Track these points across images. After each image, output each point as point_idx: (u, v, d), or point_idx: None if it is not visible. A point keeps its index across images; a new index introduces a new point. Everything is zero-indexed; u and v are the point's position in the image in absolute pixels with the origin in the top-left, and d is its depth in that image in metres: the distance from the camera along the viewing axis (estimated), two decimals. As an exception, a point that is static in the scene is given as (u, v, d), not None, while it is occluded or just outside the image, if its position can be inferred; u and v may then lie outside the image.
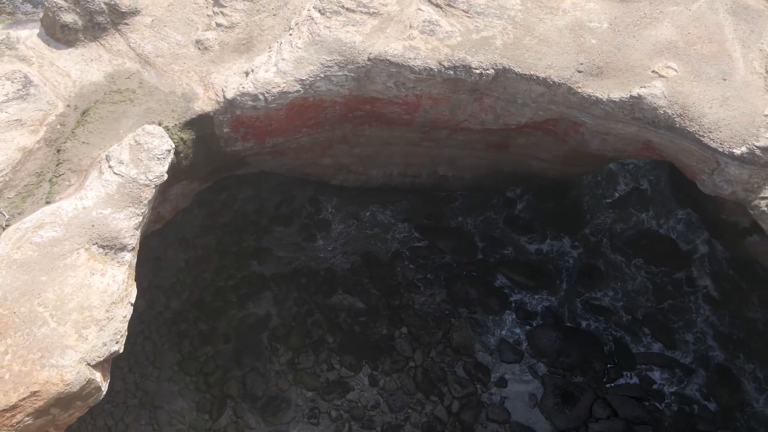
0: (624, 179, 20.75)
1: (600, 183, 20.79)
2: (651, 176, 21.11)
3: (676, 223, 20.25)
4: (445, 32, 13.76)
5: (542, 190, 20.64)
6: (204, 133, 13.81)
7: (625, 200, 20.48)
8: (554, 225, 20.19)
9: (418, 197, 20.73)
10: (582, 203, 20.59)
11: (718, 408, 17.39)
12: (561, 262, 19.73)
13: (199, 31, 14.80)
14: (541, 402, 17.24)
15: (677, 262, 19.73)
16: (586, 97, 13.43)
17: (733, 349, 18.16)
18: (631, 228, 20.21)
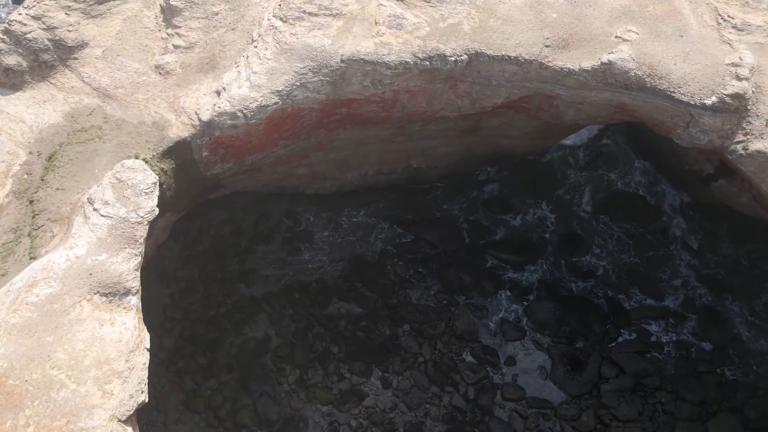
0: (589, 144, 21.43)
1: (566, 149, 21.36)
2: (610, 139, 21.89)
3: (640, 177, 21.05)
4: (412, 24, 13.71)
5: (513, 167, 21.00)
6: (183, 160, 13.22)
7: (593, 163, 21.12)
8: (530, 194, 20.63)
9: (394, 194, 20.63)
10: (553, 170, 21.11)
11: (713, 347, 18.24)
12: (543, 232, 20.14)
13: (157, 56, 14.15)
14: (551, 373, 17.57)
15: (649, 216, 20.52)
16: (558, 69, 13.71)
17: (717, 289, 19.07)
18: (602, 191, 20.87)
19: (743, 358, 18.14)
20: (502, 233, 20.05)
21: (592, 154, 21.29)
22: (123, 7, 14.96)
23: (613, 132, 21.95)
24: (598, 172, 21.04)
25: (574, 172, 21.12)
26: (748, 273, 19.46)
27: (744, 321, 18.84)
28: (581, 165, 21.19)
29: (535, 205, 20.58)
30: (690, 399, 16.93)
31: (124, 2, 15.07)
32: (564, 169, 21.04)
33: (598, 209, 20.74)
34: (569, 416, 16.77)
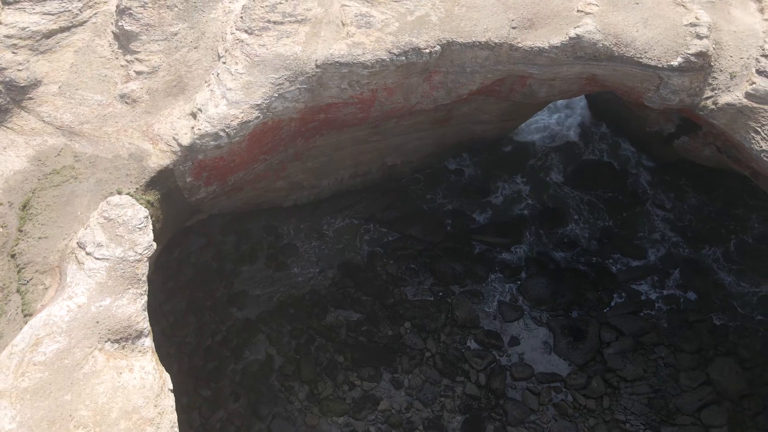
0: (554, 117, 21.98)
1: (532, 124, 21.85)
2: (568, 110, 22.55)
3: (601, 144, 21.74)
4: (380, 22, 13.59)
5: (483, 150, 21.26)
6: (168, 189, 12.66)
7: (557, 133, 21.66)
8: (504, 170, 20.96)
9: (371, 194, 20.50)
10: (522, 144, 21.55)
11: (698, 296, 19.03)
12: (522, 210, 20.46)
13: (120, 85, 13.50)
14: (555, 346, 17.89)
15: (618, 180, 21.20)
16: (528, 49, 13.89)
17: (692, 240, 19.90)
18: (571, 162, 21.40)
19: (726, 301, 19.00)
20: (486, 217, 20.25)
21: (558, 130, 21.81)
22: (72, 39, 14.22)
23: (573, 103, 22.58)
24: (565, 143, 21.59)
25: (542, 146, 21.61)
26: (716, 220, 20.41)
27: (721, 266, 19.74)
28: (548, 141, 21.68)
29: (510, 181, 20.92)
30: (687, 349, 17.60)
31: (72, 34, 14.33)
32: (532, 144, 21.50)
33: (569, 180, 21.27)
34: (579, 385, 17.12)
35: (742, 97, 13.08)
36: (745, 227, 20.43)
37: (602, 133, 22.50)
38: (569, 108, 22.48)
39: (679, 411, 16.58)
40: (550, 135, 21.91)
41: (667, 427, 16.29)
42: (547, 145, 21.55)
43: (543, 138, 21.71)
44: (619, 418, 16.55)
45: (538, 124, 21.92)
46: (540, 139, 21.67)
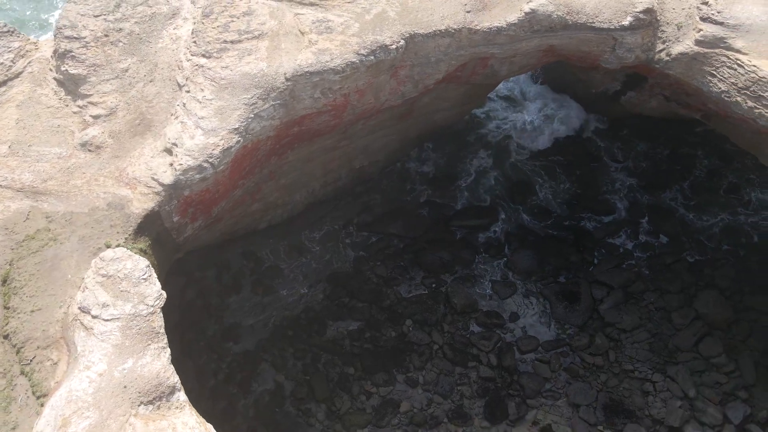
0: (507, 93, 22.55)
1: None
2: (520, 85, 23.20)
3: (556, 111, 22.52)
4: (340, 25, 13.36)
5: (441, 138, 21.46)
6: (157, 233, 11.94)
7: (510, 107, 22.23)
8: (467, 152, 21.27)
9: (343, 200, 20.24)
10: (479, 124, 21.97)
11: (669, 239, 20.05)
12: (492, 188, 20.84)
13: (78, 133, 12.60)
14: (553, 312, 18.35)
15: (571, 141, 22.00)
16: (488, 30, 14.07)
17: (651, 186, 20.94)
18: (527, 133, 22.00)
19: (694, 238, 20.13)
20: (460, 202, 20.45)
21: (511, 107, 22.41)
22: (11, 93, 13.16)
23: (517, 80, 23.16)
24: (519, 118, 22.15)
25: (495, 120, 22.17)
26: (668, 164, 21.59)
27: (682, 206, 20.91)
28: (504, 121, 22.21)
29: (475, 159, 21.25)
30: (672, 290, 18.51)
31: (9, 88, 13.28)
32: (489, 118, 22.03)
33: (528, 152, 21.85)
34: (583, 345, 17.65)
35: (692, 45, 13.80)
36: (693, 164, 21.73)
37: (545, 101, 23.24)
38: (515, 84, 23.02)
39: (678, 349, 17.43)
40: (505, 114, 22.39)
41: (671, 366, 17.08)
42: (502, 124, 22.00)
43: (498, 121, 22.16)
44: (627, 368, 17.20)
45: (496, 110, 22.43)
46: (496, 124, 22.11)
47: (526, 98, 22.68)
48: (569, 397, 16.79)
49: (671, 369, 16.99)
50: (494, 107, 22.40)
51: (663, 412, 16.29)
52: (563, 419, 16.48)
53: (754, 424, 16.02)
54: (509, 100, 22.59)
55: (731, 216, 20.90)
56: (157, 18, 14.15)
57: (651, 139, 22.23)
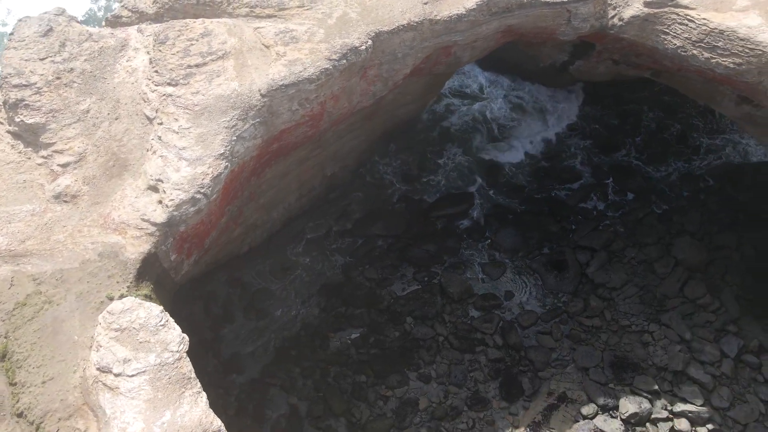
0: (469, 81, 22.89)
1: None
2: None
3: (510, 92, 23.02)
4: (304, 33, 13.09)
5: (406, 136, 21.52)
6: (157, 275, 11.32)
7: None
8: (433, 146, 21.43)
9: (320, 210, 19.95)
10: (441, 117, 22.17)
11: (635, 195, 20.93)
12: (463, 173, 21.08)
13: (48, 186, 11.78)
14: (545, 284, 18.78)
15: (535, 121, 22.59)
16: (448, 19, 14.17)
17: (607, 147, 21.79)
18: (485, 116, 22.39)
19: (655, 189, 21.13)
20: (435, 193, 20.56)
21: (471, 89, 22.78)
22: (-39, 155, 12.10)
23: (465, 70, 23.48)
24: (477, 104, 22.51)
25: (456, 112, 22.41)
26: (618, 122, 22.57)
27: (639, 160, 21.91)
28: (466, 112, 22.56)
29: (442, 149, 21.44)
30: (649, 242, 19.33)
31: (-43, 149, 12.20)
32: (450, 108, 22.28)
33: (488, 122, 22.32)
34: (579, 310, 18.15)
35: (642, 7, 14.39)
36: (641, 120, 22.80)
37: (507, 83, 23.72)
38: (464, 74, 23.35)
39: (666, 297, 18.22)
40: (464, 105, 22.69)
41: (664, 314, 17.83)
42: (465, 113, 22.28)
43: (461, 112, 22.43)
44: (624, 324, 17.83)
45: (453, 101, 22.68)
46: (457, 115, 22.37)
47: (480, 87, 23.06)
48: (577, 362, 17.23)
49: (664, 317, 17.75)
50: (451, 101, 22.62)
51: (665, 359, 17.00)
52: (575, 384, 16.90)
53: (749, 354, 16.98)
54: (463, 92, 22.89)
55: (685, 163, 22.06)
56: (107, 52, 13.43)
57: (598, 101, 23.17)
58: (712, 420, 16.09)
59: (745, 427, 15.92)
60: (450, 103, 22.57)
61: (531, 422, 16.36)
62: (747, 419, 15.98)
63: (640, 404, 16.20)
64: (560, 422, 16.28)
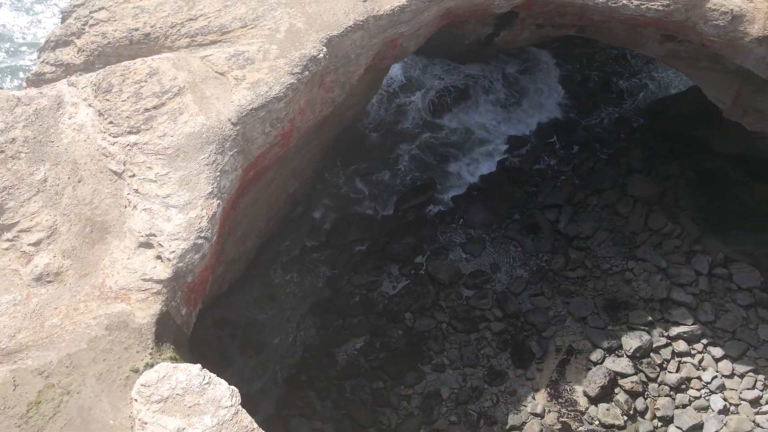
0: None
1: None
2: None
3: (444, 75, 23.45)
4: (257, 51, 12.62)
5: (351, 137, 21.43)
6: (174, 334, 10.59)
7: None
8: (387, 144, 21.50)
9: (288, 229, 19.46)
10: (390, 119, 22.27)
11: (578, 146, 22.02)
12: (419, 164, 21.29)
13: (24, 270, 10.69)
14: (523, 248, 19.37)
15: (462, 94, 23.13)
16: (391, 12, 14.15)
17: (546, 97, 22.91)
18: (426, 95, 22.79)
19: (596, 137, 22.35)
20: (397, 187, 20.60)
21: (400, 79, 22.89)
22: None
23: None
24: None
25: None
26: (553, 90, 23.67)
27: (573, 112, 23.08)
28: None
29: (395, 147, 21.51)
30: (606, 187, 20.42)
31: None
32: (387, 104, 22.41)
33: (432, 114, 22.66)
34: (562, 265, 18.87)
35: (567, -31, 15.09)
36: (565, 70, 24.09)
37: (423, 64, 24.11)
38: (404, 65, 23.52)
39: (634, 233, 19.34)
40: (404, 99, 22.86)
41: (637, 250, 18.90)
42: (404, 109, 22.47)
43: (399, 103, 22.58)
44: (605, 268, 18.75)
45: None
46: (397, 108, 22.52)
47: (413, 77, 23.30)
48: (573, 314, 17.94)
49: (638, 252, 18.83)
50: (390, 98, 22.71)
51: (649, 290, 18.05)
52: (578, 335, 17.60)
53: (718, 267, 18.37)
54: (401, 85, 23.08)
55: (615, 107, 23.49)
56: (44, 114, 12.34)
57: (524, 63, 24.16)
58: (704, 335, 17.30)
59: (733, 333, 17.23)
60: (388, 97, 22.66)
61: (549, 381, 16.88)
62: (733, 326, 17.31)
63: (641, 337, 17.13)
64: (575, 374, 16.91)
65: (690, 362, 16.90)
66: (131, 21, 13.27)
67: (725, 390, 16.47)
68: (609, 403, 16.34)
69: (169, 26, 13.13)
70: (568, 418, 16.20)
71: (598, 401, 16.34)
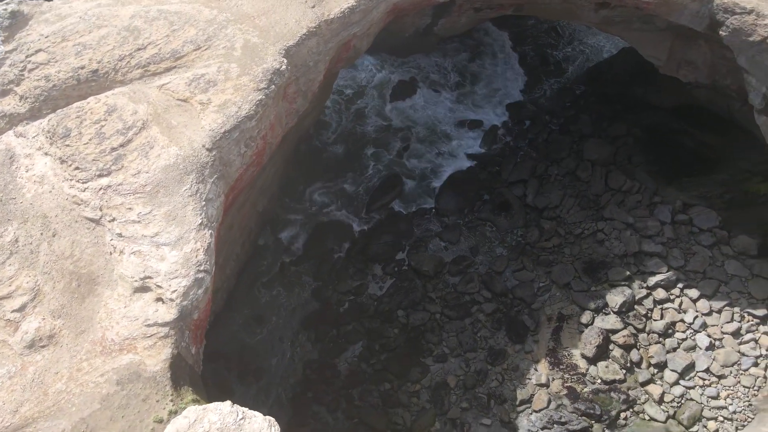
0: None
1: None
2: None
3: (394, 70, 23.57)
4: (217, 72, 12.25)
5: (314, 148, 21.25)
6: (189, 376, 10.15)
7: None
8: (353, 151, 21.45)
9: (262, 250, 19.07)
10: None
11: (530, 120, 22.67)
12: (386, 164, 21.32)
13: (13, 338, 9.97)
14: (499, 227, 19.74)
15: (408, 88, 23.33)
16: (342, 14, 14.09)
17: (484, 82, 23.32)
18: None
19: (543, 109, 23.08)
20: (365, 189, 20.54)
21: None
22: None
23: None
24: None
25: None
26: (497, 70, 24.24)
27: (521, 90, 23.74)
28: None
29: (361, 152, 21.47)
30: (564, 155, 21.10)
31: None
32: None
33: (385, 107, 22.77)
34: (537, 237, 19.36)
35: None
36: (504, 46, 24.79)
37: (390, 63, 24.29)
38: (353, 67, 23.46)
39: (597, 195, 20.09)
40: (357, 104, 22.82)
41: (603, 210, 19.65)
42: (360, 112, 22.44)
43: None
44: (577, 233, 19.39)
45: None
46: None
47: (364, 79, 23.26)
48: (557, 282, 18.46)
49: (605, 212, 19.57)
50: (347, 104, 22.63)
51: (622, 247, 18.82)
52: (565, 301, 18.14)
53: (679, 214, 19.35)
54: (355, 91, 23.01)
55: (555, 79, 24.31)
56: (-3, 170, 11.52)
57: (463, 49, 24.62)
58: (679, 279, 18.20)
59: (704, 273, 18.21)
60: (346, 105, 22.58)
61: (547, 351, 17.33)
62: (702, 266, 18.30)
63: (623, 293, 17.84)
64: (570, 339, 17.43)
65: (671, 307, 17.75)
66: (75, 59, 12.55)
67: (708, 327, 17.40)
68: (606, 360, 16.95)
69: (117, 59, 12.50)
70: (572, 382, 16.69)
71: (596, 360, 16.91)
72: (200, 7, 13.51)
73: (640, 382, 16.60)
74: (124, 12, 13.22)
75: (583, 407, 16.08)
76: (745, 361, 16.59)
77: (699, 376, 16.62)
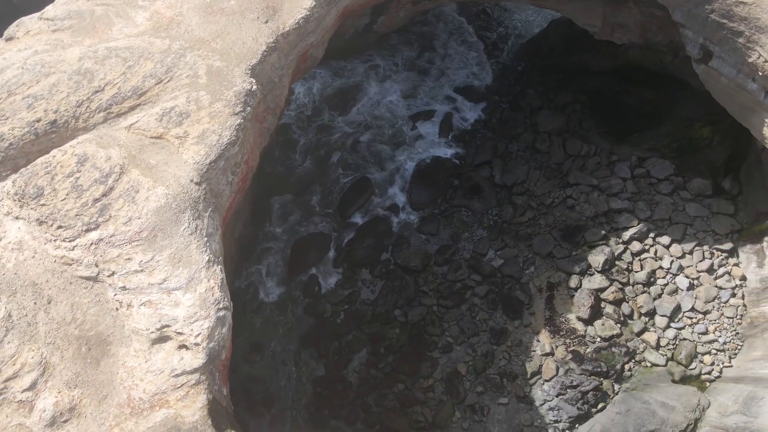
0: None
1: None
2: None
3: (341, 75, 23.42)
4: (188, 102, 11.75)
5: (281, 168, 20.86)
6: (226, 417, 9.75)
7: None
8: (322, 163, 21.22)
9: (244, 274, 18.55)
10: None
11: (486, 102, 23.16)
12: (348, 165, 21.21)
13: (31, 420, 9.27)
14: (475, 210, 20.10)
15: (355, 93, 23.32)
16: (296, 25, 13.84)
17: (435, 73, 23.62)
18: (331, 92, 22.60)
19: (491, 90, 23.66)
20: (335, 196, 20.38)
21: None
22: None
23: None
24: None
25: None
26: (441, 58, 24.55)
27: (471, 74, 24.20)
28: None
29: (328, 159, 21.29)
30: (520, 131, 21.72)
31: None
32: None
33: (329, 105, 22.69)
34: (511, 214, 19.82)
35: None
36: (460, 30, 25.22)
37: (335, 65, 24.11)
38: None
39: (559, 164, 20.83)
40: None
41: (568, 177, 20.41)
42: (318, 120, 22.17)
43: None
44: (548, 203, 20.02)
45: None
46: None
47: (315, 91, 22.98)
48: (540, 253, 19.02)
49: (570, 179, 20.33)
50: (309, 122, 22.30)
51: (592, 208, 19.61)
52: (551, 270, 18.73)
53: (636, 168, 20.37)
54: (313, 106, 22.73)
55: (495, 59, 24.93)
56: (-34, 244, 10.62)
57: (407, 42, 24.82)
58: (649, 230, 19.17)
59: (670, 219, 19.27)
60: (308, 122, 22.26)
61: (544, 321, 17.84)
62: (667, 213, 19.36)
63: (603, 251, 18.61)
64: (563, 305, 18.02)
65: (648, 257, 18.68)
66: (28, 113, 11.71)
67: (684, 269, 18.43)
68: (601, 318, 17.65)
69: (75, 106, 11.77)
70: (574, 345, 17.27)
71: (592, 320, 17.58)
72: (150, 39, 12.94)
73: (635, 333, 17.38)
74: (69, 56, 12.45)
75: (590, 367, 16.67)
76: (723, 294, 17.69)
77: (686, 316, 17.58)
